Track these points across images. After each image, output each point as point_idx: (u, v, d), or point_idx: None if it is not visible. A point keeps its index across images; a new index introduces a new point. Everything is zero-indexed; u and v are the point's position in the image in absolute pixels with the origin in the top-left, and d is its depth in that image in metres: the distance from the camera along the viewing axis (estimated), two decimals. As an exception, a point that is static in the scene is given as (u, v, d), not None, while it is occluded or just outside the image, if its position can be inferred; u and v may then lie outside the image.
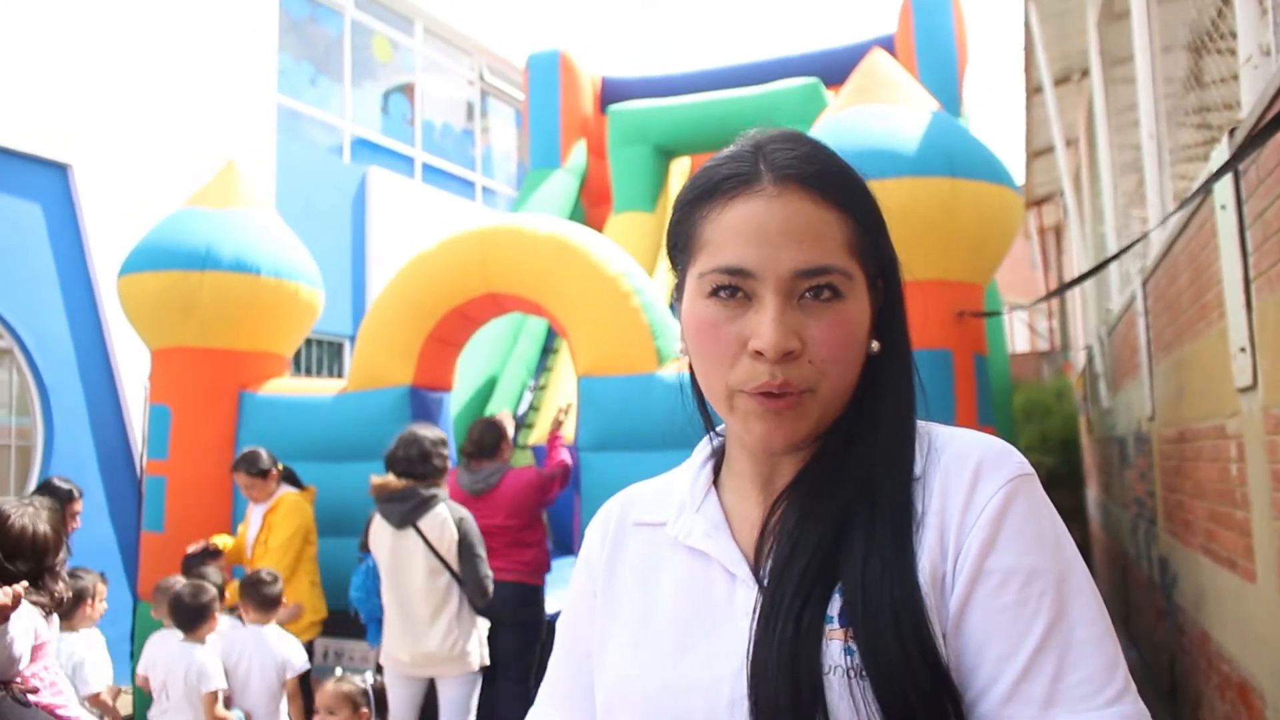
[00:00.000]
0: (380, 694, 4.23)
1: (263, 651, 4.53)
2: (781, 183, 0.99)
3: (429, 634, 4.47)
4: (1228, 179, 3.25)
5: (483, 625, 4.68)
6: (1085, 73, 8.29)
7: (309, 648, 5.33)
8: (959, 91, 8.82)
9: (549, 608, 5.43)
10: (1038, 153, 10.83)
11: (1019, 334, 20.23)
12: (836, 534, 0.97)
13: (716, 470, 1.14)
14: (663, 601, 1.07)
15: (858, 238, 1.01)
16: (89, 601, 4.58)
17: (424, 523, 4.49)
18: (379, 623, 4.66)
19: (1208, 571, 4.10)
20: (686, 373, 1.18)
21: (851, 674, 0.90)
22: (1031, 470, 0.97)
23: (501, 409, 7.88)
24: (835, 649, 0.91)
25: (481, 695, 4.82)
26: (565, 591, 4.47)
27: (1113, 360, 7.80)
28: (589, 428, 5.34)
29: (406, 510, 4.49)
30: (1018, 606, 0.89)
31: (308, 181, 10.61)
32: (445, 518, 4.54)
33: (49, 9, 7.92)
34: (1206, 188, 3.23)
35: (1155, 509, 5.50)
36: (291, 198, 10.00)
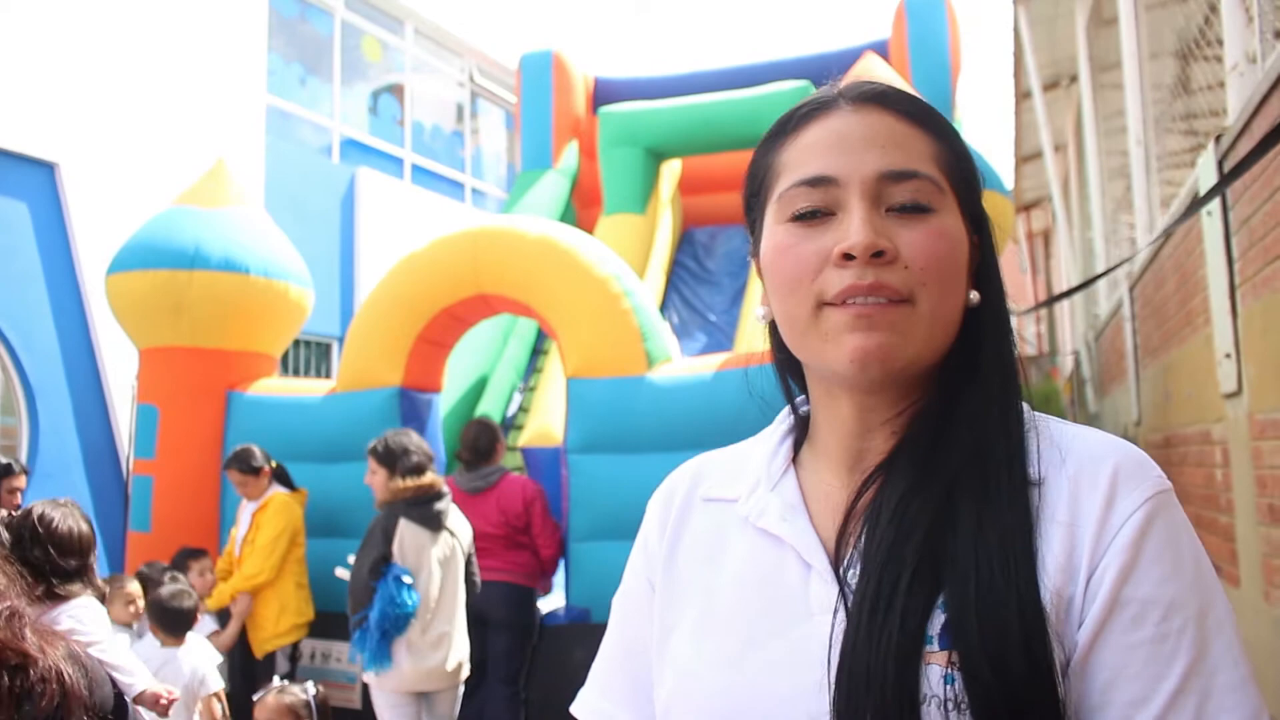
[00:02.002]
0: (324, 706, 3.95)
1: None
2: (859, 101, 0.95)
3: (458, 641, 4.36)
4: (1212, 183, 3.26)
5: None
6: (1074, 78, 8.33)
7: (294, 650, 5.32)
8: (952, 97, 8.84)
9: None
10: (1026, 158, 10.89)
11: (1007, 338, 20.26)
12: (941, 523, 0.86)
13: (797, 447, 1.04)
14: (727, 590, 0.97)
15: (947, 158, 0.94)
16: None
17: (452, 523, 4.42)
18: (391, 643, 4.22)
19: (1193, 576, 4.11)
20: (756, 364, 1.12)
21: (949, 706, 0.79)
22: (1170, 484, 0.86)
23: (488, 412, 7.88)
24: (934, 675, 0.80)
25: (470, 697, 4.79)
26: (552, 596, 4.42)
27: (1100, 365, 7.83)
28: (577, 429, 5.33)
29: (443, 511, 4.38)
30: (1155, 643, 0.79)
31: (296, 182, 10.59)
32: (462, 517, 4.51)
33: (37, 8, 7.89)
34: (1193, 211, 3.24)
35: (1141, 513, 5.51)
36: (280, 198, 9.98)
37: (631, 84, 10.71)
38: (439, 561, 4.34)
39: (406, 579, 4.23)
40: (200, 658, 4.20)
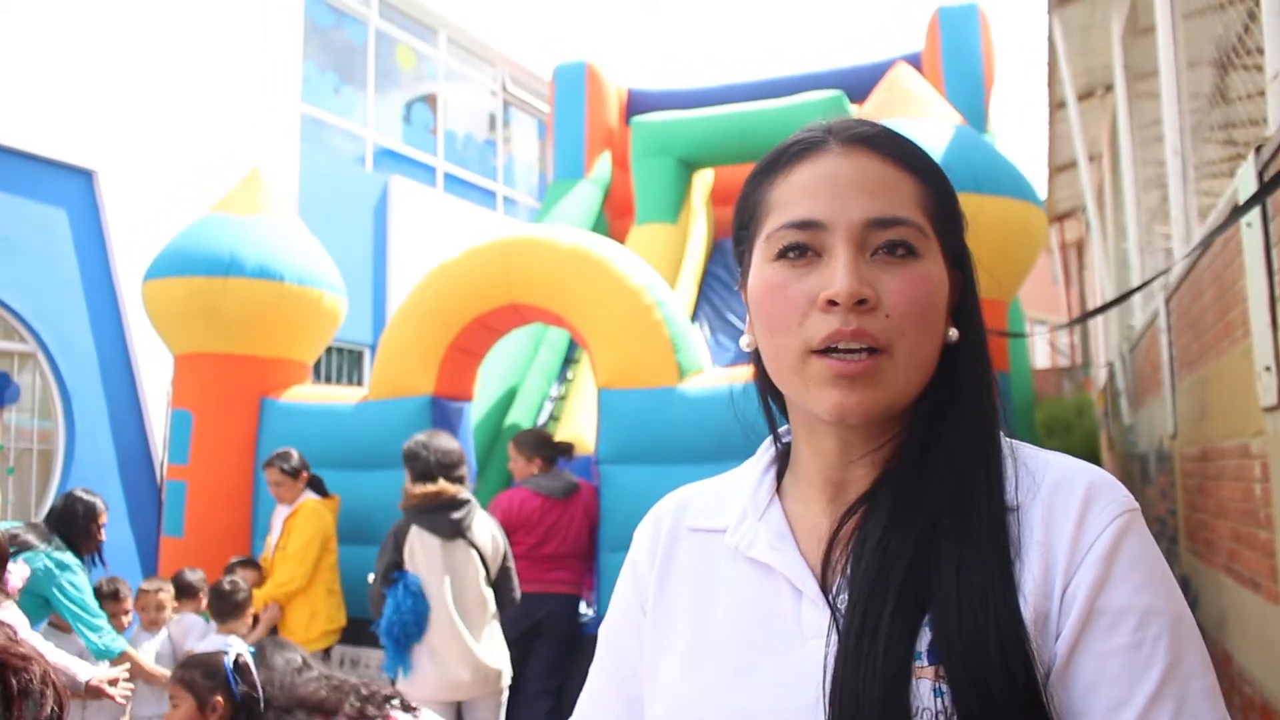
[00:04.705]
0: (245, 670, 2.98)
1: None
2: (849, 143, 0.97)
3: (482, 650, 4.31)
4: (1253, 194, 3.22)
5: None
6: (1109, 88, 8.26)
7: (325, 655, 5.34)
8: (986, 108, 8.80)
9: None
10: (1060, 167, 10.81)
11: (1040, 350, 20.15)
12: (924, 556, 0.89)
13: (781, 475, 1.07)
14: (719, 617, 1.00)
15: (931, 202, 0.97)
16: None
17: (473, 532, 4.37)
18: (409, 651, 4.26)
19: (1230, 592, 4.06)
20: (745, 381, 1.14)
21: (941, 718, 0.83)
22: (1137, 504, 0.91)
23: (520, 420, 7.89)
24: (924, 689, 0.84)
25: (513, 709, 4.78)
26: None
27: (1135, 377, 7.76)
28: (608, 440, 5.33)
29: (459, 519, 4.33)
30: (1131, 650, 0.83)
31: (330, 190, 10.66)
32: (493, 528, 4.48)
33: (76, 17, 7.99)
34: (1232, 221, 3.20)
35: (1177, 527, 5.46)
36: (314, 206, 10.05)
37: (664, 95, 10.73)
38: (452, 569, 4.30)
39: (418, 586, 4.24)
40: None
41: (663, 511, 1.14)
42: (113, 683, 3.77)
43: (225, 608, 4.60)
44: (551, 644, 4.98)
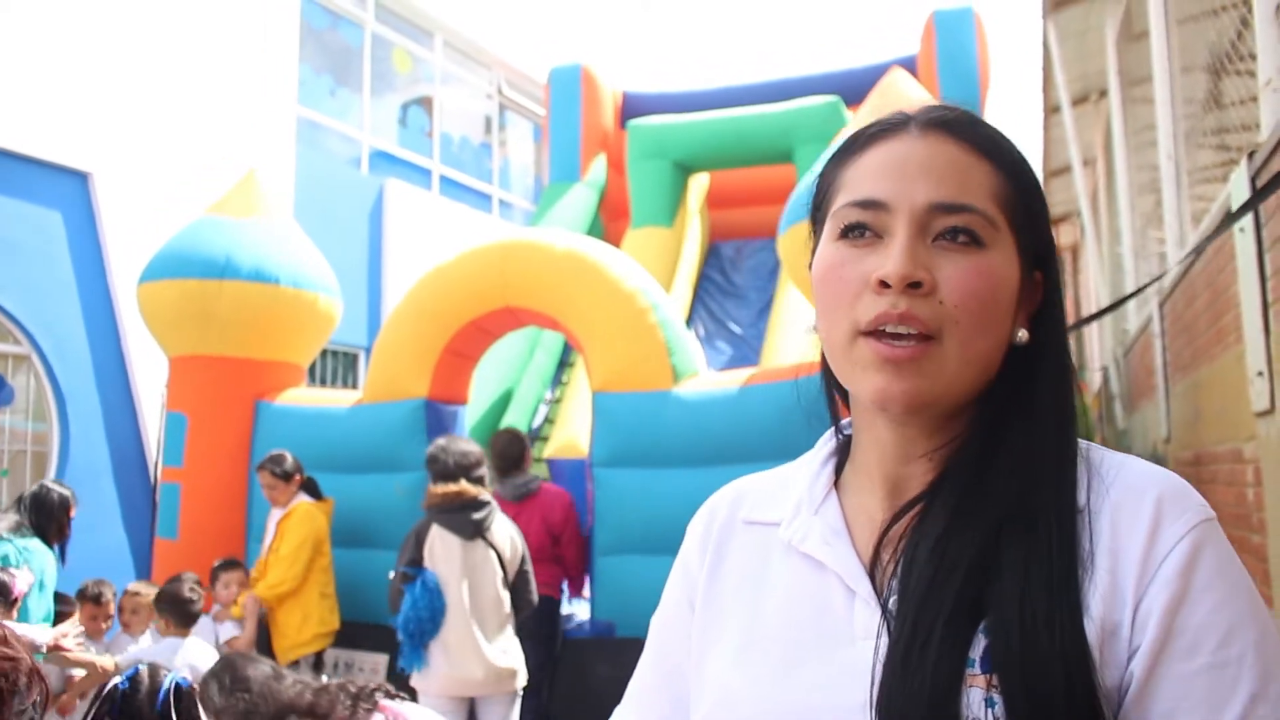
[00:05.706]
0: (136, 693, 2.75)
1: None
2: (927, 127, 0.94)
3: (495, 649, 4.35)
4: (1246, 200, 3.23)
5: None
6: (1103, 93, 8.28)
7: (318, 659, 5.33)
8: (980, 112, 8.81)
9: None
10: (1055, 172, 10.82)
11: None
12: (984, 560, 0.85)
13: (840, 469, 1.04)
14: (770, 611, 0.97)
15: (1006, 191, 0.93)
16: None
17: (492, 534, 4.42)
18: (425, 647, 4.34)
19: (1223, 596, 4.06)
20: (808, 375, 1.09)
21: None
22: (1213, 513, 0.86)
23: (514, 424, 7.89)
24: (975, 698, 0.80)
25: None
26: (574, 608, 4.42)
27: (1129, 381, 7.77)
28: (603, 443, 5.33)
29: (480, 520, 4.37)
30: (1215, 670, 0.78)
31: (326, 193, 10.64)
32: (511, 531, 4.52)
33: (72, 18, 7.98)
34: (1225, 228, 3.21)
35: (1170, 532, 5.45)
36: (309, 209, 10.03)
37: (659, 98, 10.74)
38: (470, 569, 4.34)
39: (435, 584, 4.31)
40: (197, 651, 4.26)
41: (717, 504, 1.11)
42: (64, 635, 3.87)
43: (180, 615, 4.41)
44: (529, 645, 5.00)
